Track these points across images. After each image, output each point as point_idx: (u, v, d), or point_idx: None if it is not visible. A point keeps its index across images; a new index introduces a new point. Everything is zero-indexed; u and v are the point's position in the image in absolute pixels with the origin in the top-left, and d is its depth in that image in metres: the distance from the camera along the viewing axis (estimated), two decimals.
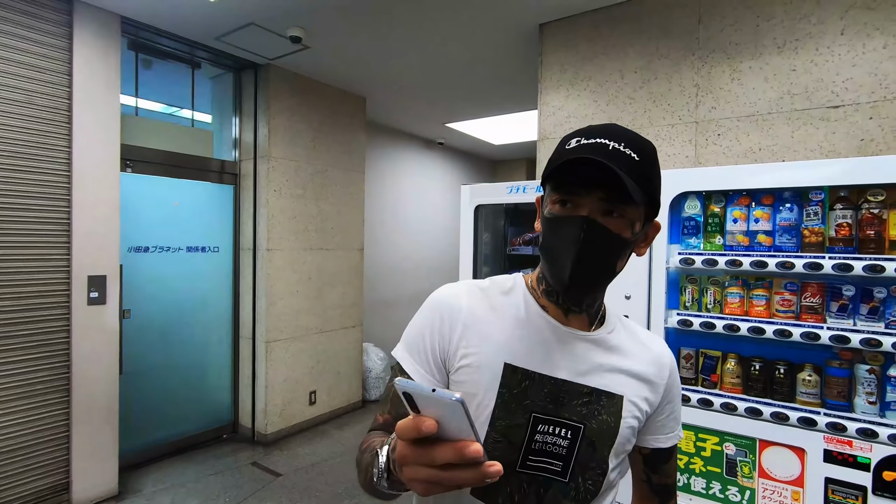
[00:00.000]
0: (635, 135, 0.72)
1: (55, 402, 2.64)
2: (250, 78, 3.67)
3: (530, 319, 0.78)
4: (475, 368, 0.75)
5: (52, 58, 2.59)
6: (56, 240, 2.62)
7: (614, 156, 0.67)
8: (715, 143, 2.39)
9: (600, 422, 0.76)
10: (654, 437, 0.84)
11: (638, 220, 0.73)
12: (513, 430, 0.73)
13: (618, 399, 0.77)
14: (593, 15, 2.74)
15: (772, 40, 2.26)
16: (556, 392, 0.75)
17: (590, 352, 0.78)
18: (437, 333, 0.78)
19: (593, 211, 0.69)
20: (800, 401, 1.57)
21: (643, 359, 0.82)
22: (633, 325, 0.88)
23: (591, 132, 0.71)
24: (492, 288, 0.83)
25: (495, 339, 0.76)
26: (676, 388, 0.86)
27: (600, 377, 0.77)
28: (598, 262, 0.71)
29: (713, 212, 1.72)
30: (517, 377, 0.75)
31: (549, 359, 0.76)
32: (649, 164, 0.71)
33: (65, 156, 2.65)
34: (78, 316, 2.70)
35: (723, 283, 1.71)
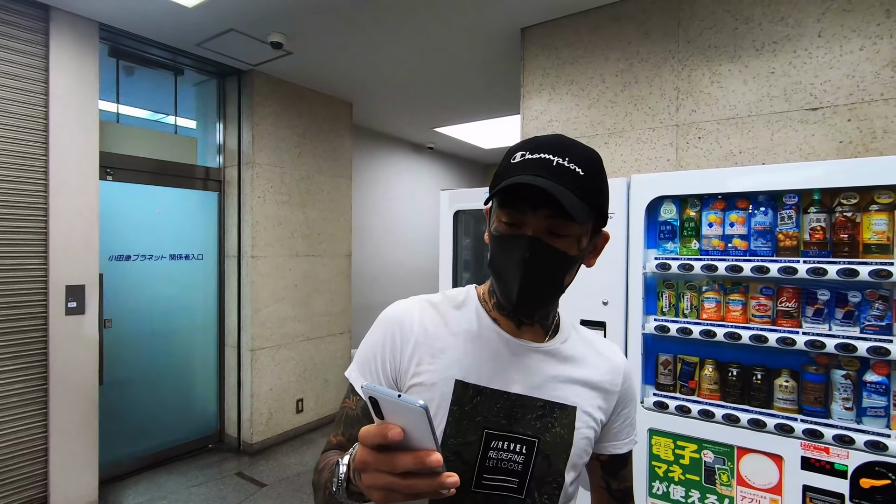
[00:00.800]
0: (582, 147, 0.71)
1: (32, 414, 2.60)
2: (234, 84, 3.65)
3: (482, 333, 0.77)
4: (427, 387, 0.73)
5: (28, 65, 2.56)
6: (32, 249, 2.59)
7: (558, 172, 0.66)
8: (696, 146, 2.38)
9: (554, 434, 0.74)
10: (610, 443, 0.84)
11: (585, 234, 0.72)
12: (465, 448, 0.71)
13: (570, 410, 0.76)
14: (574, 19, 2.74)
15: (750, 42, 2.25)
16: (509, 407, 0.74)
17: (543, 363, 0.77)
18: (388, 352, 0.76)
19: (538, 230, 0.68)
20: (777, 407, 1.55)
21: (597, 367, 0.81)
22: (588, 332, 0.88)
23: (536, 146, 0.70)
24: (444, 302, 0.81)
25: (447, 355, 0.75)
26: (632, 393, 0.86)
27: (553, 389, 0.76)
28: (544, 280, 0.70)
29: (689, 216, 1.70)
30: (468, 393, 0.73)
31: (502, 373, 0.75)
32: (595, 178, 0.70)
33: (41, 164, 2.61)
34: (56, 326, 2.66)
35: (699, 287, 1.69)
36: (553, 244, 0.68)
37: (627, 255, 1.76)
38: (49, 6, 2.60)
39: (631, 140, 2.56)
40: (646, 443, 1.71)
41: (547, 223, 0.68)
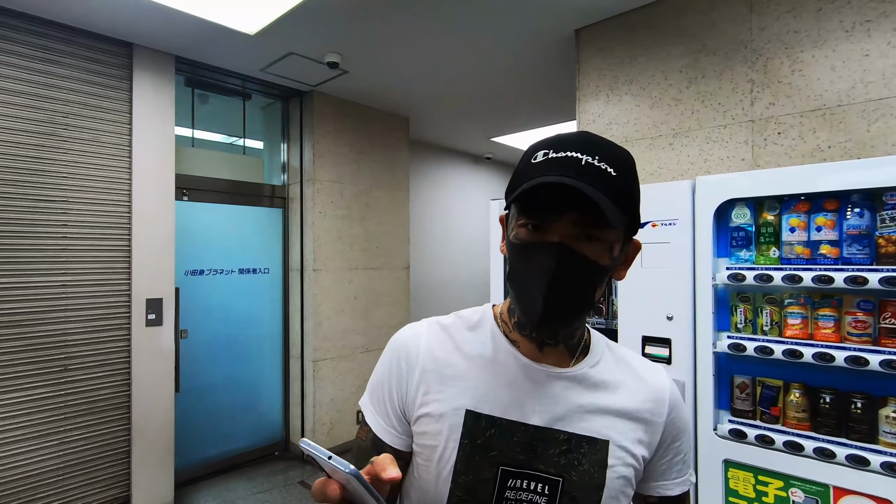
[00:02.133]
0: (611, 144, 0.62)
1: (116, 419, 2.81)
2: (296, 105, 3.82)
3: (498, 358, 0.69)
4: (435, 417, 0.67)
5: (115, 98, 2.82)
6: (118, 265, 2.82)
7: (587, 172, 0.58)
8: (775, 142, 2.14)
9: (581, 473, 0.65)
10: (658, 483, 0.72)
11: (617, 242, 0.63)
12: (478, 487, 0.64)
13: (602, 445, 0.66)
14: (629, 16, 2.59)
15: (838, 24, 2.00)
16: (528, 441, 0.65)
17: (568, 391, 0.68)
18: (394, 381, 0.71)
19: (566, 236, 0.60)
20: (883, 442, 1.31)
21: (636, 394, 0.70)
22: (627, 353, 0.76)
23: (560, 143, 0.62)
24: (456, 324, 0.74)
25: (458, 383, 0.68)
26: (681, 424, 0.73)
27: (581, 420, 0.66)
28: (573, 294, 0.62)
29: (766, 220, 1.51)
30: (481, 425, 0.65)
31: (520, 402, 0.66)
32: (628, 179, 0.61)
33: (126, 187, 2.86)
34: (137, 337, 2.87)
35: (781, 301, 1.49)
36: (584, 252, 0.60)
37: (694, 264, 1.60)
38: (132, 44, 2.85)
39: (699, 140, 2.35)
40: (721, 476, 1.52)
41: (575, 229, 0.59)
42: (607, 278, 0.65)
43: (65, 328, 2.63)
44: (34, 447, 2.52)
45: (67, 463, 2.63)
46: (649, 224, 1.69)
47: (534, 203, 0.61)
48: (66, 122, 2.64)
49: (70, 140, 2.66)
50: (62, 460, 2.62)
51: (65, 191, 2.63)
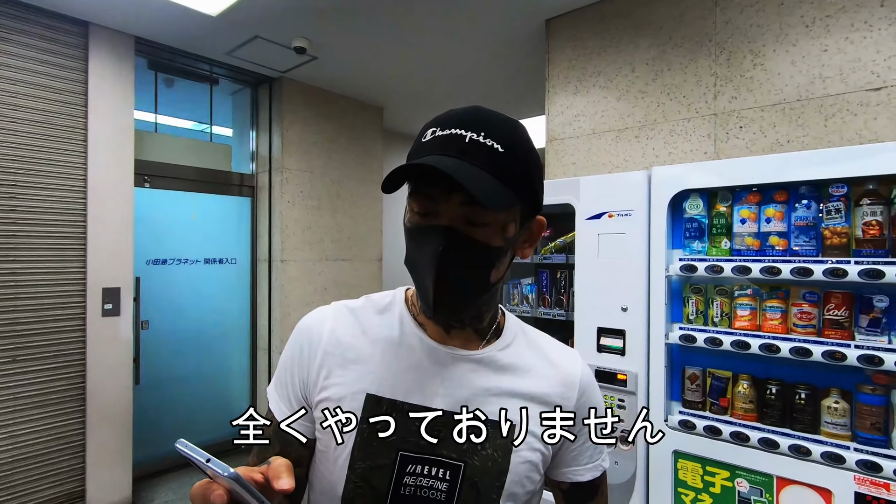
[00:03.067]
0: (502, 119, 0.60)
1: (71, 411, 2.73)
2: (266, 92, 3.73)
3: (404, 341, 0.67)
4: (334, 401, 0.65)
5: (69, 78, 2.70)
6: (71, 253, 2.72)
7: (472, 151, 0.56)
8: (737, 136, 2.15)
9: (484, 458, 0.63)
10: (569, 468, 0.71)
11: (512, 221, 0.61)
12: (375, 473, 0.62)
13: (507, 429, 0.65)
14: (600, 6, 2.57)
15: (798, 19, 2.01)
16: (430, 425, 0.63)
17: (473, 374, 0.66)
18: (296, 365, 0.69)
19: (454, 218, 0.59)
20: (825, 432, 1.33)
21: (545, 377, 0.69)
22: (542, 337, 0.76)
23: (447, 120, 0.60)
24: (365, 307, 0.72)
25: (360, 366, 0.66)
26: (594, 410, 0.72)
27: (485, 403, 0.65)
28: (465, 277, 0.60)
29: (719, 211, 1.51)
30: (381, 409, 0.64)
31: (423, 386, 0.65)
32: (519, 154, 0.59)
33: (80, 172, 2.75)
34: (93, 327, 2.78)
35: (731, 292, 1.49)
36: (471, 234, 0.58)
37: (649, 255, 1.59)
38: (88, 22, 2.74)
39: (664, 132, 2.35)
40: (671, 466, 1.53)
41: (462, 210, 0.58)
42: (507, 258, 0.63)
43: (14, 317, 2.53)
44: None
45: (17, 457, 2.54)
46: (606, 214, 1.68)
47: (422, 186, 0.59)
48: (14, 103, 2.53)
49: (19, 121, 2.54)
50: (11, 454, 2.52)
51: (13, 174, 2.52)
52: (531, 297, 2.19)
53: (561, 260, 2.04)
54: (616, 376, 1.63)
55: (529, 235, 0.67)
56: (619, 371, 1.62)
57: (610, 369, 1.65)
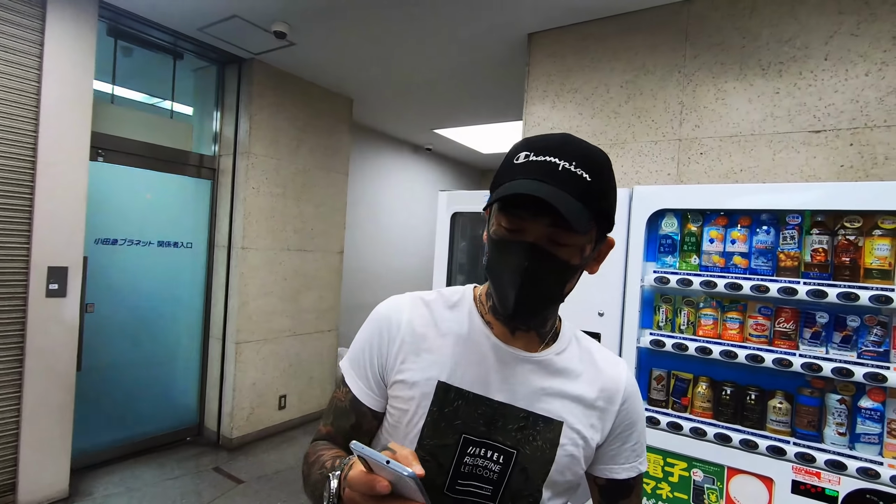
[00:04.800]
0: (588, 148, 0.67)
1: (5, 398, 2.51)
2: (234, 72, 3.59)
3: (472, 337, 0.75)
4: (409, 385, 0.73)
5: (22, 38, 2.49)
6: (15, 227, 2.51)
7: (563, 178, 0.63)
8: (697, 161, 2.37)
9: (534, 448, 0.72)
10: (607, 466, 0.79)
11: (588, 243, 0.69)
12: (441, 451, 0.70)
13: (556, 425, 0.73)
14: (580, 27, 2.73)
15: (757, 61, 2.25)
16: (490, 414, 0.72)
17: (532, 374, 0.74)
18: (375, 348, 0.76)
19: (540, 237, 0.66)
20: (770, 428, 1.53)
21: (593, 383, 0.77)
22: (593, 344, 0.83)
23: (541, 146, 0.66)
24: (437, 301, 0.79)
25: (433, 355, 0.74)
26: (636, 415, 0.80)
27: (540, 401, 0.74)
28: (544, 290, 0.68)
29: (690, 231, 1.69)
30: (450, 396, 0.72)
31: (487, 379, 0.73)
32: (603, 182, 0.66)
33: (30, 140, 2.54)
34: (35, 308, 2.57)
35: (697, 303, 1.67)
36: (555, 253, 0.66)
37: (626, 266, 1.74)
38: None
39: (633, 152, 2.55)
40: None
41: (548, 231, 0.65)
42: (578, 274, 0.72)
43: None
44: None
45: None
46: None
47: (513, 204, 0.66)
48: None
49: None
50: None
51: None
52: None
53: None
54: None
55: (599, 254, 0.75)
56: None
57: None
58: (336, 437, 0.77)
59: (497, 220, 0.69)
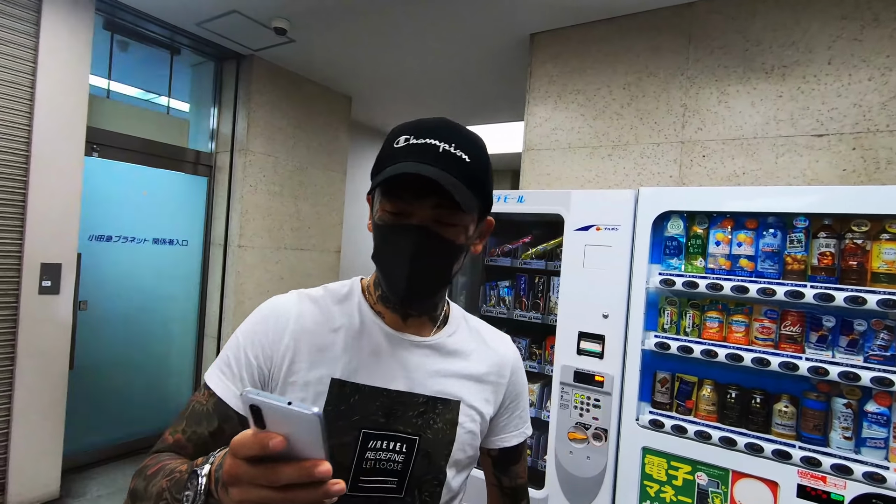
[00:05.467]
0: (466, 132, 0.69)
1: None
2: (232, 68, 3.56)
3: (364, 329, 0.74)
4: (301, 386, 0.69)
5: (16, 29, 2.44)
6: (8, 222, 2.46)
7: (444, 159, 0.64)
8: (700, 164, 2.37)
9: (436, 431, 0.72)
10: (499, 437, 0.83)
11: (472, 222, 0.70)
12: (340, 450, 0.68)
13: (454, 405, 0.74)
14: (583, 28, 2.72)
15: (760, 65, 2.26)
16: (389, 405, 0.71)
17: (427, 358, 0.75)
18: (258, 348, 0.70)
19: (426, 219, 0.66)
20: (775, 432, 1.52)
21: (484, 360, 0.80)
22: (480, 323, 0.86)
23: (421, 129, 0.67)
24: (325, 297, 0.77)
25: (325, 353, 0.71)
26: (520, 386, 0.85)
27: (437, 383, 0.74)
28: (433, 272, 0.69)
29: (696, 233, 1.68)
30: (345, 392, 0.70)
31: (384, 369, 0.72)
32: (482, 164, 0.68)
33: (24, 134, 2.49)
34: (27, 305, 2.53)
35: (702, 306, 1.66)
36: (442, 233, 0.67)
37: (631, 268, 1.73)
38: None
39: (635, 154, 2.54)
40: (639, 461, 1.68)
41: (434, 212, 0.66)
42: (465, 254, 0.72)
43: None
44: None
45: None
46: (594, 227, 1.80)
47: (396, 188, 0.66)
48: None
49: None
50: None
51: None
52: (508, 299, 2.29)
53: (540, 266, 2.15)
54: (594, 377, 1.76)
55: (481, 233, 0.77)
56: (597, 373, 1.75)
57: (588, 371, 1.77)
58: (186, 446, 0.67)
59: (381, 206, 0.68)
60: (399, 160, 0.64)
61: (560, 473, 1.82)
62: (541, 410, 2.13)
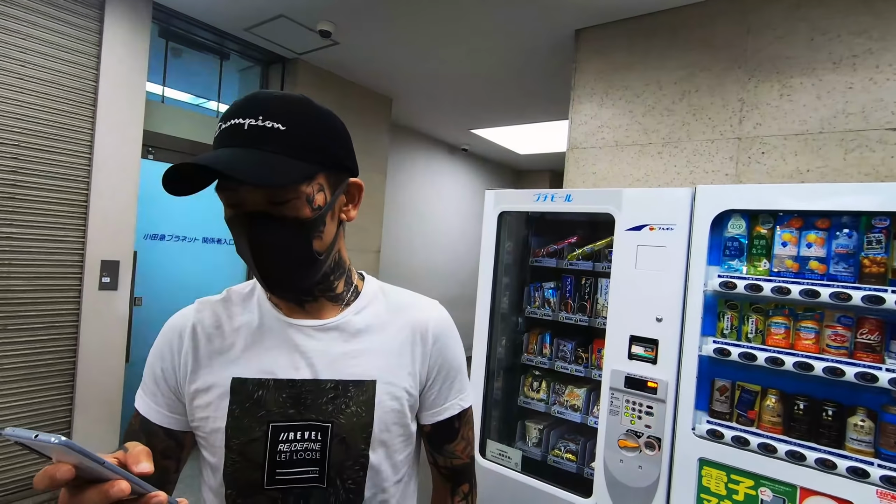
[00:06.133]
0: (279, 98, 0.63)
1: (59, 387, 2.60)
2: (278, 72, 3.64)
3: (264, 323, 0.72)
4: (204, 391, 0.69)
5: (82, 39, 2.57)
6: (73, 221, 2.59)
7: (254, 136, 0.59)
8: (758, 161, 2.25)
9: (349, 415, 0.69)
10: (430, 411, 0.78)
11: (319, 191, 0.65)
12: (249, 447, 0.67)
13: (369, 385, 0.71)
14: (633, 22, 2.63)
15: (827, 55, 2.12)
16: (296, 395, 0.69)
17: (333, 341, 0.72)
18: (166, 361, 0.72)
19: (256, 203, 0.62)
20: (850, 448, 1.41)
21: (401, 330, 0.75)
22: (402, 293, 0.81)
23: (228, 112, 0.63)
24: (227, 299, 0.76)
25: (225, 354, 0.71)
26: (450, 352, 0.79)
27: (346, 366, 0.71)
28: (287, 254, 0.65)
29: (759, 233, 1.58)
30: (247, 389, 0.68)
31: (286, 361, 0.70)
32: (306, 126, 0.63)
33: (87, 138, 2.62)
34: (88, 300, 2.66)
35: (767, 311, 1.56)
36: (276, 213, 0.62)
37: (687, 270, 1.65)
38: None
39: (687, 151, 2.44)
40: (695, 473, 1.59)
41: (259, 194, 0.62)
42: (327, 226, 0.68)
43: (7, 284, 2.39)
44: None
45: None
46: (647, 227, 1.73)
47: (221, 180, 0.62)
48: (22, 59, 2.39)
49: (26, 78, 2.40)
50: None
51: (16, 133, 2.38)
52: (553, 300, 2.23)
53: (587, 267, 2.08)
54: (646, 384, 1.68)
55: (350, 198, 0.73)
56: (650, 379, 1.68)
57: (640, 376, 1.70)
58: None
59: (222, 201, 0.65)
60: (215, 149, 0.61)
61: (609, 482, 1.75)
62: (587, 416, 2.06)
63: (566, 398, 2.16)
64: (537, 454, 2.18)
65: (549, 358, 2.21)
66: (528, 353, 2.30)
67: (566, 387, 2.19)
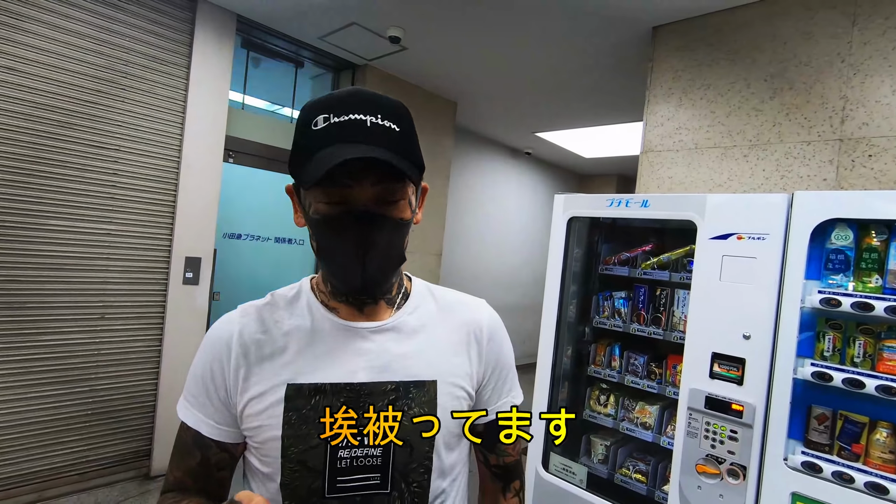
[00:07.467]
0: (388, 99, 0.64)
1: (146, 373, 2.81)
2: (348, 78, 3.76)
3: (317, 326, 0.70)
4: (257, 398, 0.66)
5: (175, 51, 2.77)
6: (162, 220, 2.80)
7: (375, 133, 0.60)
8: (864, 164, 2.02)
9: (411, 416, 0.67)
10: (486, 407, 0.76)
11: (413, 193, 0.68)
12: (309, 455, 0.64)
13: (430, 385, 0.69)
14: (715, 16, 2.46)
15: None
16: (355, 399, 0.66)
17: (389, 342, 0.70)
18: (210, 374, 0.69)
19: (368, 200, 0.62)
20: None
21: (457, 329, 0.75)
22: (450, 293, 0.81)
23: (339, 106, 0.61)
24: (271, 303, 0.73)
25: (276, 359, 0.68)
26: (503, 350, 0.79)
27: (404, 367, 0.69)
28: (387, 254, 0.65)
29: (870, 245, 1.41)
30: (304, 394, 0.66)
31: (343, 364, 0.68)
32: (411, 131, 0.65)
33: (177, 143, 2.82)
34: (174, 294, 2.85)
35: (878, 333, 1.39)
36: (387, 213, 0.63)
37: (781, 284, 1.50)
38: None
39: (778, 154, 2.24)
40: None
41: (374, 191, 0.61)
42: (410, 228, 0.69)
43: (105, 277, 2.62)
44: (64, 391, 2.53)
45: (95, 410, 2.64)
46: (734, 236, 1.60)
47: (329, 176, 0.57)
48: (125, 70, 2.61)
49: (128, 89, 2.62)
50: (90, 407, 2.62)
51: (118, 139, 2.61)
52: (624, 311, 2.12)
53: (663, 277, 1.96)
54: (731, 406, 1.55)
55: (421, 202, 0.73)
56: (735, 401, 1.55)
57: (724, 398, 1.57)
58: (185, 480, 0.69)
59: (313, 198, 0.63)
60: (324, 145, 0.59)
61: None
62: (660, 435, 1.94)
63: (636, 415, 2.05)
64: (603, 472, 2.08)
65: (619, 371, 2.10)
66: (595, 365, 2.20)
67: (637, 402, 2.08)
